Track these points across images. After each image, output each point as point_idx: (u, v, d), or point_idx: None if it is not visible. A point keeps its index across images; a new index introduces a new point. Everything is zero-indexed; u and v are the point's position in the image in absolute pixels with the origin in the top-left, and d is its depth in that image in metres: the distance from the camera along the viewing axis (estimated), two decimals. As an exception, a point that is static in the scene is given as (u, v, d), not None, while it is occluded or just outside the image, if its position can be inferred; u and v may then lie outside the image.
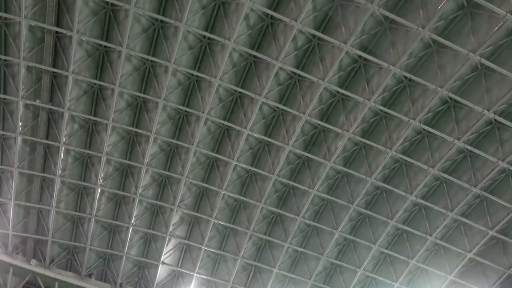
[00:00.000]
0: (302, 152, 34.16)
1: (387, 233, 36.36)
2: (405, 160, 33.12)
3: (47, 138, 35.40)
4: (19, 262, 39.15)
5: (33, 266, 38.94)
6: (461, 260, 35.73)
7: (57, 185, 36.97)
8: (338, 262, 38.78)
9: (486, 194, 32.82)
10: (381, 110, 31.36)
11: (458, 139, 30.64)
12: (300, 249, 38.83)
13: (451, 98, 29.64)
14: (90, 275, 40.23)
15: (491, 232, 33.88)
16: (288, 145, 33.20)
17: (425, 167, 32.48)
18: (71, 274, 40.03)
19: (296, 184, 35.81)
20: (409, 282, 38.12)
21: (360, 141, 33.05)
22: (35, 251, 40.43)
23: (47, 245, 39.31)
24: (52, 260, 39.82)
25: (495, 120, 29.68)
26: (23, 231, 39.63)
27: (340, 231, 36.75)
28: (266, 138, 33.93)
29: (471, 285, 36.14)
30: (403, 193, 34.09)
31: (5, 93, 33.24)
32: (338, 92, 31.30)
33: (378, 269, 38.56)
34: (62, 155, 35.65)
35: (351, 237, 37.50)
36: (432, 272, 37.07)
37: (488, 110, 28.94)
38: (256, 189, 36.60)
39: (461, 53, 27.15)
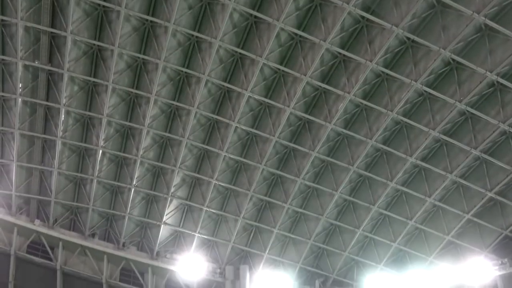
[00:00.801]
0: (303, 114, 34.11)
1: (386, 195, 36.70)
2: (406, 122, 33.09)
3: (47, 99, 35.30)
4: (23, 222, 39.73)
5: (37, 226, 39.54)
6: (459, 221, 36.18)
7: (58, 147, 37.12)
8: (338, 223, 39.33)
9: (486, 156, 32.92)
10: (383, 72, 31.10)
11: (460, 101, 30.51)
12: (300, 210, 39.32)
13: (453, 60, 29.34)
14: (93, 235, 40.89)
15: (490, 194, 34.17)
16: (289, 107, 33.10)
17: (425, 129, 32.48)
18: (75, 234, 40.68)
19: (296, 146, 35.92)
20: (407, 242, 38.73)
21: (361, 103, 32.93)
22: (38, 212, 40.96)
23: (50, 206, 39.82)
24: (56, 220, 40.40)
25: (498, 82, 29.47)
26: (26, 192, 40.08)
27: (340, 192, 37.10)
28: (267, 100, 33.81)
29: (468, 246, 36.72)
30: (403, 155, 34.22)
31: (3, 54, 32.93)
32: (340, 54, 30.96)
33: (377, 229, 39.11)
34: (62, 116, 35.64)
35: (351, 199, 37.90)
36: (430, 233, 37.60)
37: (491, 72, 28.69)
38: (256, 150, 36.73)
39: (465, 13, 26.67)
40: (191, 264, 39.98)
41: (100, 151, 37.43)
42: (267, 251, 40.54)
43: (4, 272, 39.68)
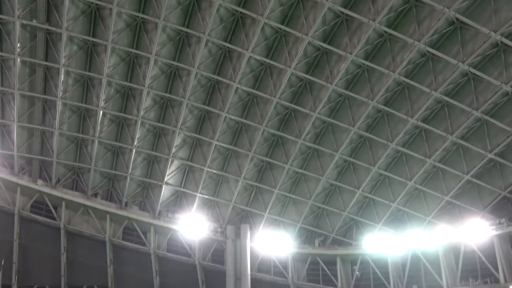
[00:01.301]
0: (304, 75, 33.85)
1: (386, 156, 36.84)
2: (407, 83, 32.85)
3: (46, 59, 34.98)
4: (25, 182, 40.11)
5: (40, 186, 39.93)
6: (458, 182, 36.45)
7: (58, 107, 37.04)
8: (338, 183, 39.65)
9: (487, 117, 32.85)
10: (385, 32, 30.66)
11: (463, 61, 30.20)
12: (300, 171, 39.58)
13: (458, 19, 28.87)
14: (95, 195, 41.32)
15: (490, 155, 34.28)
16: (290, 67, 32.81)
17: (427, 90, 32.27)
18: (77, 194, 41.13)
19: (297, 107, 35.80)
20: (406, 202, 39.14)
21: (363, 64, 32.62)
22: (41, 172, 41.28)
23: (52, 166, 40.08)
24: (58, 181, 40.75)
25: (502, 42, 29.07)
26: (28, 152, 40.27)
27: (340, 153, 37.23)
28: (267, 60, 33.47)
29: (466, 206, 37.12)
30: (404, 116, 34.16)
31: (0, 13, 32.48)
32: (342, 13, 30.44)
33: (376, 190, 39.46)
34: (62, 77, 35.40)
35: (351, 159, 38.07)
36: (429, 193, 37.94)
37: (495, 32, 28.27)
38: (257, 111, 36.64)
39: (471, -29, 26.13)
40: (192, 223, 40.56)
41: (101, 112, 37.37)
42: (267, 211, 41.04)
43: (9, 230, 40.35)
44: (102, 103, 36.58)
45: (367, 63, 32.32)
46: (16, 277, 38.26)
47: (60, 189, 40.46)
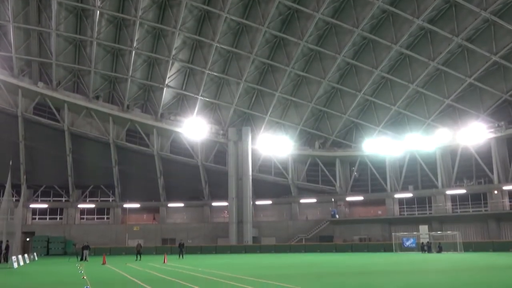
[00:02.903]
0: (308, -28, 32.46)
1: (389, 58, 36.35)
2: (415, -18, 31.62)
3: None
4: (26, 84, 40.03)
5: (41, 88, 39.91)
6: (460, 85, 36.28)
7: (54, 6, 35.98)
8: (339, 86, 39.53)
9: (495, 18, 31.91)
10: None
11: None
12: (302, 73, 39.29)
13: None
14: (97, 97, 41.44)
15: (494, 58, 33.78)
16: (293, -37, 31.37)
17: (435, -11, 31.12)
18: (79, 96, 41.22)
19: (300, 7, 34.67)
20: (407, 106, 39.27)
21: (370, -40, 31.14)
22: (41, 74, 41.07)
23: (52, 68, 39.78)
24: (59, 83, 40.66)
25: None
26: (26, 54, 39.79)
27: (343, 55, 36.70)
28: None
29: (466, 109, 37.28)
30: (410, 17, 33.20)
31: None
32: None
33: (378, 93, 39.42)
34: (56, -26, 34.07)
35: (354, 62, 37.61)
36: (430, 96, 37.93)
37: None
38: (259, 12, 35.56)
39: None
40: (194, 126, 41.10)
41: (98, 12, 36.33)
42: (268, 113, 41.33)
43: (14, 132, 41.08)
44: (98, 3, 35.50)
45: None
46: (25, 177, 39.52)
47: (61, 92, 40.48)
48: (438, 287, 9.34)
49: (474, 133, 36.06)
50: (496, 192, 36.01)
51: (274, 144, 41.66)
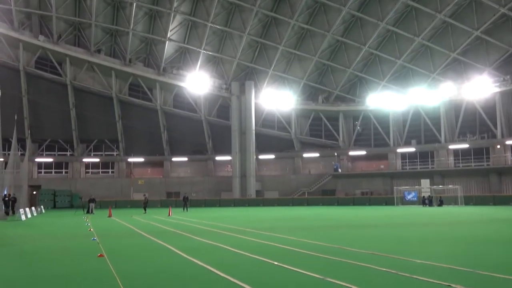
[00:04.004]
0: None
1: (395, 10, 35.63)
2: None
3: None
4: (27, 37, 39.55)
5: (42, 42, 39.48)
6: (467, 38, 35.69)
7: (52, -43, 35.18)
8: (344, 40, 38.96)
9: (505, -32, 31.09)
10: None
11: None
12: (306, 26, 38.65)
13: None
14: (99, 51, 41.03)
15: (503, 10, 33.04)
16: None
17: None
18: (81, 50, 40.79)
19: (304, -43, 33.82)
20: (412, 59, 38.80)
21: None
22: (41, 28, 40.50)
23: (52, 21, 39.22)
24: (60, 36, 40.18)
25: None
26: (26, 7, 39.15)
27: (348, 8, 35.96)
28: None
29: (472, 63, 36.83)
30: (418, -32, 32.36)
31: None
32: None
33: (383, 46, 38.89)
34: None
35: (359, 14, 36.91)
36: (436, 50, 37.41)
37: None
38: (262, -38, 34.73)
39: None
40: (197, 80, 40.86)
41: (97, -38, 35.54)
42: (272, 67, 40.96)
43: (16, 86, 40.95)
44: (97, -48, 34.54)
45: None
46: (29, 131, 39.67)
47: (62, 45, 40.06)
48: (435, 239, 9.55)
49: (479, 87, 35.79)
50: (498, 146, 36.09)
51: (277, 99, 41.50)
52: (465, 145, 37.48)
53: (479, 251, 7.60)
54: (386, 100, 39.36)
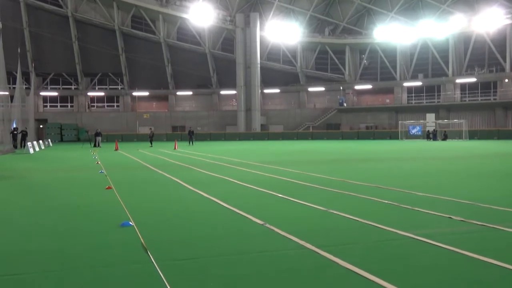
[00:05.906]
0: None
1: None
2: None
3: None
4: (25, -33, 38.49)
5: (41, -28, 38.40)
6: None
7: None
8: (345, -20, 37.70)
9: None
10: None
11: None
12: (309, -37, 37.28)
13: None
14: (99, -19, 39.93)
15: None
16: None
17: None
18: (81, -20, 39.75)
19: None
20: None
21: None
22: (39, -44, 39.27)
23: (51, -51, 37.98)
24: (59, -34, 38.99)
25: None
26: None
27: None
28: None
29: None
30: None
31: None
32: None
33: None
34: None
35: None
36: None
37: None
38: None
39: None
40: (201, 11, 39.90)
41: None
42: (278, -2, 39.92)
43: (17, 18, 40.20)
44: None
45: None
46: (33, 65, 39.36)
47: (62, -25, 38.96)
48: (437, 172, 9.65)
49: (490, 19, 34.85)
50: (506, 80, 35.66)
51: (282, 31, 40.68)
52: (472, 79, 37.05)
53: (480, 184, 7.71)
54: (394, 33, 38.53)
